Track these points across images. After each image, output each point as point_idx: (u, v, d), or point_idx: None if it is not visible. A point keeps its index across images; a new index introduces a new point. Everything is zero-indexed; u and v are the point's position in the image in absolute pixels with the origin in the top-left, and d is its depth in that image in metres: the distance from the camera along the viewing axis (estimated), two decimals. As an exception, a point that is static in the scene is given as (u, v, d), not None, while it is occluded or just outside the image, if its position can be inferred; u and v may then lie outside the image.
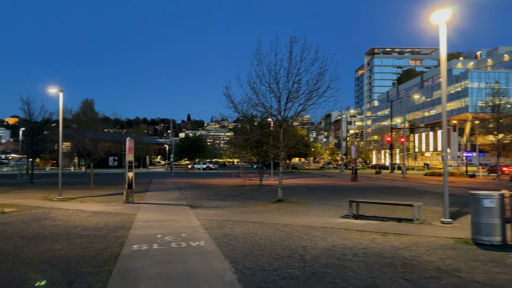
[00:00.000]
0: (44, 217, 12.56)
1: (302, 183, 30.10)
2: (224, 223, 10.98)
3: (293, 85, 15.71)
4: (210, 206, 15.43)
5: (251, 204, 15.68)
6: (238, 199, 18.10)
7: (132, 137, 16.75)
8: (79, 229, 10.35)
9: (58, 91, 19.63)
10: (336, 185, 27.56)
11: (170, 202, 17.07)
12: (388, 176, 44.10)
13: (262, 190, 23.40)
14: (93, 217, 12.60)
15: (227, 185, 28.02)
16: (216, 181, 33.53)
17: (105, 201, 17.73)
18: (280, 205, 15.24)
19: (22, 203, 16.89)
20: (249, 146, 27.77)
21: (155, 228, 10.25)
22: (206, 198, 18.75)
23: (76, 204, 16.52)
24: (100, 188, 25.79)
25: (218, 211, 13.69)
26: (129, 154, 17.29)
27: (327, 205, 15.25)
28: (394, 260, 6.78)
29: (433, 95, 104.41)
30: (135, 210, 14.17)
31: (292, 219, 11.49)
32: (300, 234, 9.20)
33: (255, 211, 13.70)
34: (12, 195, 21.12)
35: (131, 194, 17.08)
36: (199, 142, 65.57)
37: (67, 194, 21.40)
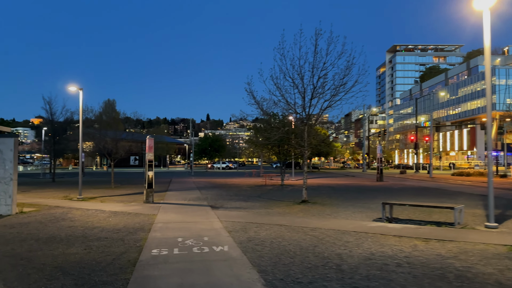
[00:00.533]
0: (62, 218, 12.20)
1: (325, 183, 29.18)
2: (248, 226, 10.31)
3: (318, 80, 14.94)
4: (231, 207, 14.81)
5: (275, 205, 14.97)
6: (261, 199, 17.42)
7: (152, 136, 16.31)
8: (97, 230, 9.87)
9: (78, 89, 19.41)
10: (361, 186, 26.53)
11: (191, 202, 16.54)
12: (414, 176, 42.57)
13: (284, 190, 22.65)
14: (112, 218, 12.15)
15: (248, 185, 27.39)
16: (237, 181, 32.96)
17: (125, 201, 17.36)
18: (305, 206, 14.47)
19: (42, 203, 16.69)
20: (270, 145, 27.05)
21: (175, 231, 9.68)
22: (227, 198, 18.15)
23: (96, 204, 16.19)
24: (120, 188, 25.60)
25: (240, 213, 13.05)
26: (149, 153, 16.86)
27: (355, 207, 14.38)
28: (445, 272, 5.95)
29: (458, 92, 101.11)
30: (155, 211, 13.69)
31: (320, 222, 10.72)
32: (332, 239, 8.43)
33: (279, 212, 12.98)
34: (33, 194, 21.07)
35: (151, 194, 16.65)
36: (218, 141, 65.28)
37: (88, 194, 21.21)
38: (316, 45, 14.60)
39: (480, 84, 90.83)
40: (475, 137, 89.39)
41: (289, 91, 15.31)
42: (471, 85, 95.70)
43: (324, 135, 28.03)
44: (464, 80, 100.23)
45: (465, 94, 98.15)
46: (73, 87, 19.19)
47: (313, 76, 14.93)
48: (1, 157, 12.98)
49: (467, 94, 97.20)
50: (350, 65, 14.81)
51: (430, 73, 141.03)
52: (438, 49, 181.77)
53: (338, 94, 15.02)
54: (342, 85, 14.75)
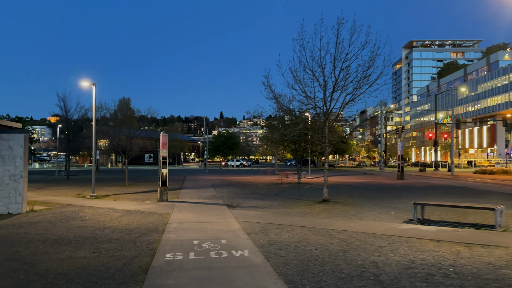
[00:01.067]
0: (73, 217, 11.69)
1: (343, 181, 28.26)
2: (268, 227, 9.60)
3: (341, 72, 14.10)
4: (248, 206, 14.12)
5: (294, 205, 14.21)
6: (278, 198, 16.69)
7: (166, 133, 15.77)
8: (108, 231, 9.29)
9: (91, 84, 18.97)
10: (382, 184, 25.53)
11: (206, 200, 15.91)
12: (434, 174, 41.21)
13: (301, 189, 21.87)
14: (124, 217, 11.59)
15: (264, 183, 26.68)
16: (251, 179, 32.28)
17: (139, 199, 16.85)
18: (327, 206, 13.67)
19: (54, 201, 16.30)
20: (286, 142, 26.28)
21: (190, 232, 9.02)
22: (243, 196, 17.48)
23: (109, 202, 15.71)
24: (134, 185, 25.19)
25: (258, 212, 12.34)
26: (163, 149, 16.30)
27: (381, 207, 13.52)
28: (503, 285, 5.13)
29: (477, 88, 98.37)
30: (169, 210, 13.09)
31: (346, 224, 9.92)
32: (363, 243, 7.65)
33: (300, 212, 12.23)
34: (46, 192, 20.77)
35: (165, 192, 16.09)
36: (232, 139, 64.69)
37: (101, 191, 20.81)
38: (338, 35, 13.77)
39: (501, 79, 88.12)
40: (495, 134, 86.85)
41: (309, 85, 14.53)
42: (491, 81, 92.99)
43: (342, 132, 27.05)
44: (484, 76, 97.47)
45: (485, 90, 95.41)
46: (86, 82, 18.76)
47: (334, 68, 14.12)
48: (11, 153, 12.54)
49: (487, 90, 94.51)
50: (374, 56, 13.95)
51: (448, 69, 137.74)
52: (456, 45, 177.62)
53: (361, 87, 14.17)
54: (366, 77, 13.89)
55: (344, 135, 19.53)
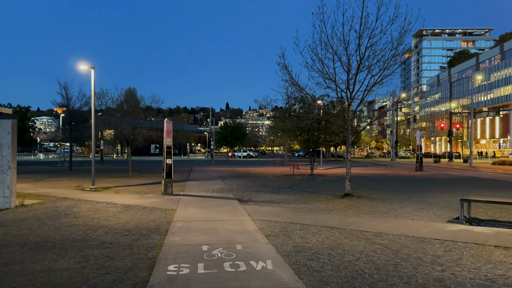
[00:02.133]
0: (66, 213, 10.34)
1: (359, 173, 26.72)
2: (289, 228, 8.16)
3: (366, 51, 12.49)
4: (262, 200, 12.68)
5: (313, 199, 12.75)
6: (293, 191, 15.23)
7: (170, 120, 14.30)
8: (102, 232, 7.92)
9: (89, 68, 17.53)
10: (402, 176, 23.93)
11: (214, 194, 14.51)
12: (451, 165, 39.48)
13: (316, 181, 20.39)
14: (123, 214, 10.22)
15: (274, 175, 25.24)
16: (260, 170, 30.86)
17: (142, 192, 15.50)
18: (351, 201, 12.18)
19: (50, 193, 15.01)
20: (299, 131, 24.77)
21: (199, 233, 7.61)
22: (254, 190, 16.05)
23: (109, 195, 14.37)
24: (138, 177, 23.88)
25: (275, 208, 10.89)
26: (167, 138, 14.87)
27: (412, 202, 12.01)
28: None
29: (490, 77, 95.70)
30: (174, 204, 11.71)
31: (381, 224, 8.44)
32: (412, 251, 6.17)
33: (322, 209, 10.76)
34: (45, 184, 19.52)
35: (170, 184, 14.71)
36: (239, 129, 63.23)
37: (102, 183, 19.53)
38: (364, 7, 12.14)
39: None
40: (508, 124, 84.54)
41: (330, 65, 12.93)
42: (505, 70, 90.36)
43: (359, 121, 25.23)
44: (497, 65, 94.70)
45: (498, 80, 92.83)
46: (84, 66, 17.31)
47: (359, 46, 12.51)
48: (-4, 141, 11.18)
49: (500, 79, 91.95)
50: (404, 32, 12.32)
51: (460, 57, 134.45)
52: (467, 33, 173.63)
53: (388, 67, 12.57)
54: (395, 56, 12.28)
55: (368, 122, 17.69)
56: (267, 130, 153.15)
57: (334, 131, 24.37)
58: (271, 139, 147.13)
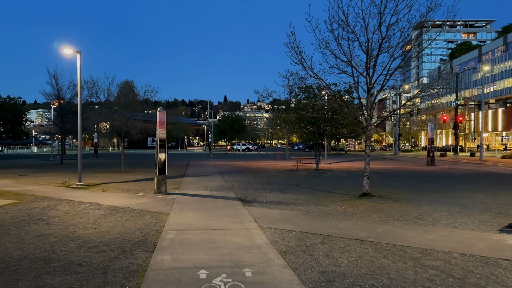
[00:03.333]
0: (38, 218, 8.73)
1: (365, 168, 25.13)
2: (308, 240, 6.57)
3: (389, 28, 10.83)
4: (268, 201, 11.09)
5: (326, 200, 11.16)
6: (302, 190, 13.64)
7: (163, 109, 12.62)
8: (74, 246, 6.31)
9: (75, 52, 15.80)
10: (415, 171, 22.35)
11: (213, 193, 12.90)
12: (459, 159, 37.96)
13: (323, 177, 18.81)
14: (106, 218, 8.62)
15: (277, 169, 23.65)
16: (261, 164, 29.26)
17: (132, 190, 13.90)
18: (372, 202, 10.59)
19: (30, 191, 13.40)
20: (303, 123, 23.13)
21: (195, 249, 6.01)
22: (258, 187, 14.45)
23: (95, 194, 12.76)
24: (131, 172, 22.25)
25: (285, 212, 9.30)
26: (160, 129, 13.25)
27: (442, 203, 10.43)
28: None
29: (493, 69, 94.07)
30: (167, 206, 10.11)
31: (422, 235, 6.85)
32: (483, 281, 4.59)
33: (341, 212, 9.17)
34: (29, 180, 17.90)
35: (164, 182, 13.09)
36: (239, 122, 61.50)
37: (91, 179, 17.94)
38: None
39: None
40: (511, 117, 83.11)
41: (345, 46, 11.25)
42: (509, 61, 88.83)
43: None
44: (500, 56, 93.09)
45: (501, 71, 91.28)
46: (69, 50, 15.57)
47: (380, 24, 10.84)
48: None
49: (503, 71, 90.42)
50: (433, 7, 10.66)
51: (461, 49, 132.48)
52: (468, 25, 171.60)
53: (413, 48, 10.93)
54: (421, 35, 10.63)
55: (388, 114, 15.89)
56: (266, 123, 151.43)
57: (342, 122, 22.84)
58: (270, 132, 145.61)
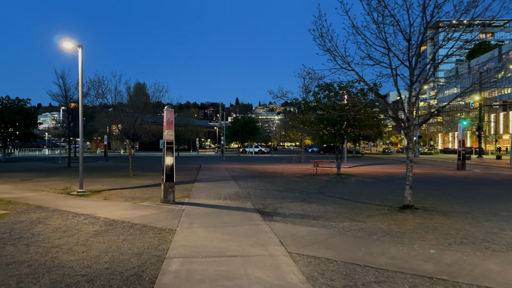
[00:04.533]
0: (20, 235, 7.30)
1: (393, 172, 23.31)
2: (357, 276, 4.94)
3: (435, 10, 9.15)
4: (292, 213, 9.47)
5: (361, 213, 9.48)
6: (328, 199, 11.97)
7: (171, 108, 11.06)
8: (46, 283, 4.80)
9: (76, 46, 14.44)
10: (448, 176, 20.40)
11: (228, 202, 11.33)
12: (489, 162, 35.69)
13: (347, 183, 17.09)
14: (100, 237, 7.13)
15: (294, 174, 21.99)
16: (277, 168, 27.61)
17: (137, 198, 12.43)
18: (418, 217, 8.86)
19: (26, 199, 12.08)
20: (323, 124, 21.43)
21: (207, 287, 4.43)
22: (277, 195, 12.84)
23: (94, 204, 11.33)
24: (139, 176, 20.86)
25: (315, 229, 7.66)
26: (168, 130, 11.75)
27: (504, 218, 8.65)
28: None
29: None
30: (173, 221, 8.58)
31: (508, 269, 5.14)
32: None
33: (385, 231, 7.49)
34: (30, 185, 16.65)
35: (171, 189, 11.57)
36: (251, 123, 59.92)
37: (95, 185, 16.59)
38: None
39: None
40: (536, 119, 79.89)
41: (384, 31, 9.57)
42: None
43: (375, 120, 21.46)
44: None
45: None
46: (69, 43, 14.20)
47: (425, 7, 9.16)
48: None
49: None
50: None
51: (480, 49, 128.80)
52: (486, 25, 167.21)
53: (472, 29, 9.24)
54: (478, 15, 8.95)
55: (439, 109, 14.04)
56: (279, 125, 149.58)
57: (366, 123, 21.08)
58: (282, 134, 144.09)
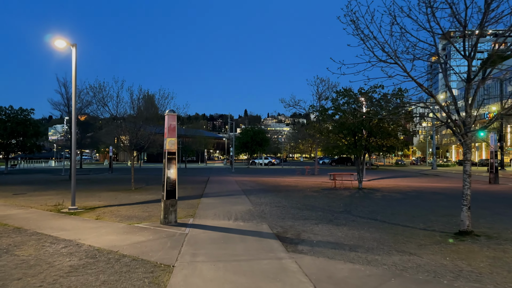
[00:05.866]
0: (-31, 274, 5.53)
1: (417, 187, 21.28)
2: None
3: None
4: (320, 240, 7.61)
5: (407, 241, 7.58)
6: (359, 219, 10.08)
7: (174, 112, 9.21)
8: None
9: (70, 45, 12.90)
10: (482, 191, 18.28)
11: (240, 224, 9.51)
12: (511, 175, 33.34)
13: (374, 199, 15.14)
14: (73, 277, 5.39)
15: (310, 188, 20.09)
16: (290, 181, 25.72)
17: (134, 218, 10.69)
18: (485, 248, 6.92)
19: (7, 218, 10.62)
20: (342, 134, 19.57)
21: None
22: (297, 215, 10.98)
23: (83, 225, 9.62)
24: (142, 190, 19.16)
25: (358, 268, 5.78)
26: (169, 138, 10.00)
27: None
28: None
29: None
30: (172, 252, 6.79)
31: None
32: None
33: (453, 271, 5.58)
34: (20, 200, 15.08)
35: (173, 208, 9.78)
36: (261, 134, 58.20)
37: (92, 200, 14.93)
38: None
39: None
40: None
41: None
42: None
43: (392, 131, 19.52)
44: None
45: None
46: (61, 42, 12.65)
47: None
48: None
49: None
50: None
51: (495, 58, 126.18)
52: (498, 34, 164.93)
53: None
54: None
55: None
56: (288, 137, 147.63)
57: (391, 132, 19.19)
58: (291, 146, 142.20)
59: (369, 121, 18.45)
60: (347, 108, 19.24)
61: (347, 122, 18.77)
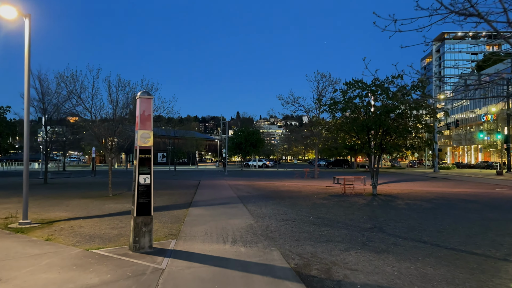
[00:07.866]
0: None
1: (437, 192, 18.81)
2: None
3: None
4: (368, 285, 4.97)
5: (488, 280, 4.99)
6: (401, 241, 7.49)
7: (148, 94, 6.34)
8: None
9: (22, 16, 10.12)
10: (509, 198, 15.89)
11: (240, 249, 6.84)
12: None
13: (398, 208, 12.57)
14: None
15: (316, 193, 17.50)
16: (291, 185, 23.08)
17: (96, 238, 7.96)
18: None
19: None
20: (354, 132, 17.00)
21: None
22: (314, 233, 8.35)
23: (23, 251, 6.89)
24: (119, 197, 16.37)
25: None
26: (142, 130, 7.24)
27: None
28: None
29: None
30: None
31: None
32: None
33: None
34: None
35: (147, 228, 7.05)
36: (255, 135, 55.53)
37: (55, 210, 12.15)
38: None
39: None
40: None
41: None
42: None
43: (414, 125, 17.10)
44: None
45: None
46: (11, 9, 9.82)
47: None
48: None
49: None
50: None
51: (490, 60, 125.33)
52: (492, 36, 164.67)
53: None
54: None
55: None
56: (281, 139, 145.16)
57: (411, 129, 16.67)
58: (285, 148, 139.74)
59: (387, 116, 15.93)
60: (360, 102, 16.70)
61: (359, 117, 16.26)
